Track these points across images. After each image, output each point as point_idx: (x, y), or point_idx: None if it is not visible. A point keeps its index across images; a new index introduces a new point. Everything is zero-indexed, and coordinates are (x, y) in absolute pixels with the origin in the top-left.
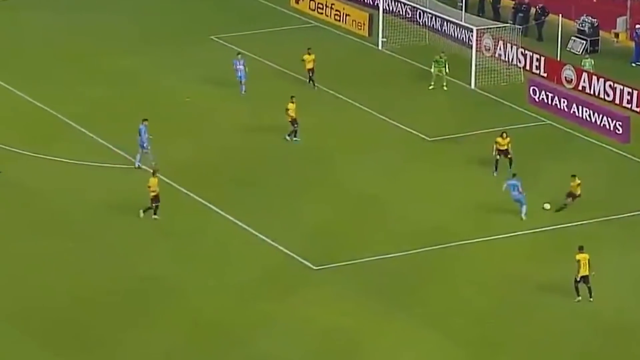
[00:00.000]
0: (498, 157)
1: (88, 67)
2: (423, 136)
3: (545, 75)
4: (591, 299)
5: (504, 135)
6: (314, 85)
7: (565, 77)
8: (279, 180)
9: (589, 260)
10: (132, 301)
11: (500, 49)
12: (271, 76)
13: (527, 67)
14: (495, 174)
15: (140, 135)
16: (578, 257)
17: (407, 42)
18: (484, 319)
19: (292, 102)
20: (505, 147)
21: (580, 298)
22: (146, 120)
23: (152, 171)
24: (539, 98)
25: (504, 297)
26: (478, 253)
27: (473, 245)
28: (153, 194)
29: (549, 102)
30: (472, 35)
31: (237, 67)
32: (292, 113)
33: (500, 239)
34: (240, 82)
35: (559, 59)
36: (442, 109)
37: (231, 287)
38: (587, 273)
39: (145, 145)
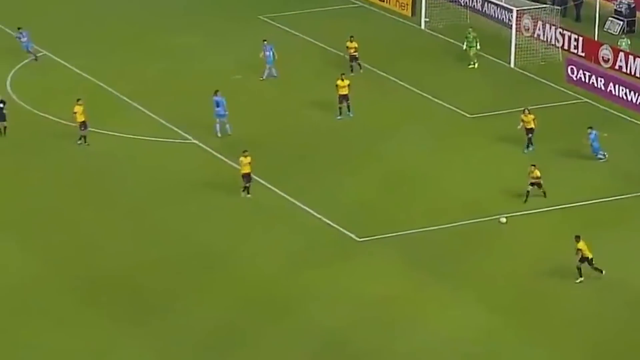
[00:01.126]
0: (529, 135)
1: (143, 46)
2: (463, 113)
3: (582, 54)
4: (603, 273)
5: (527, 111)
6: (360, 67)
7: (603, 57)
8: (324, 155)
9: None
10: (185, 271)
11: (539, 29)
12: (317, 55)
13: (565, 47)
14: (525, 152)
15: (218, 106)
16: (579, 246)
17: (449, 22)
18: (517, 290)
19: (342, 79)
20: (531, 125)
21: (582, 279)
22: (218, 91)
23: (243, 150)
24: (576, 77)
25: (537, 270)
26: (514, 227)
27: (511, 218)
28: (243, 171)
29: (587, 81)
30: (512, 16)
31: (265, 52)
32: (341, 91)
33: (534, 214)
34: (267, 66)
35: (596, 38)
36: (483, 87)
37: (278, 257)
38: (590, 256)
39: (226, 113)
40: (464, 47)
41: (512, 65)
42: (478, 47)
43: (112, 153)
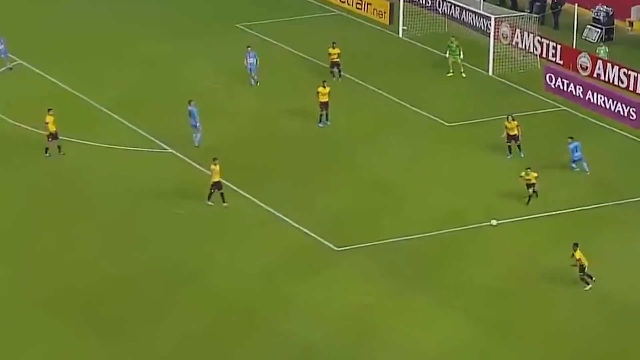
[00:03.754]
0: (509, 142)
1: (119, 55)
2: (442, 122)
3: (561, 62)
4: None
5: (510, 118)
6: (339, 75)
7: (581, 65)
8: (301, 164)
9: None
10: (160, 282)
11: (517, 37)
12: (294, 64)
13: (544, 55)
14: (509, 157)
15: (191, 116)
16: (577, 255)
17: (427, 30)
18: (498, 300)
19: (324, 87)
20: (515, 132)
21: (591, 286)
22: (192, 100)
23: (213, 158)
24: (555, 85)
25: (518, 279)
26: (494, 236)
27: (489, 229)
28: (214, 180)
29: (565, 89)
30: (490, 24)
31: (248, 59)
32: (322, 98)
33: (515, 222)
34: (250, 73)
35: (574, 46)
36: (461, 96)
37: (254, 268)
38: (587, 264)
39: (197, 125)
40: (447, 55)
41: (490, 73)
42: (462, 56)
43: (87, 163)
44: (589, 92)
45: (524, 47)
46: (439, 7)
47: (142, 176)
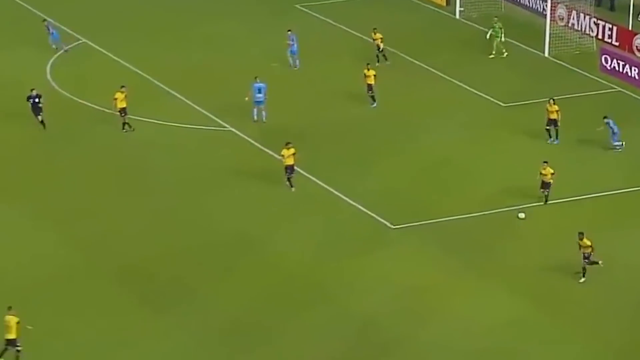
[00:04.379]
0: (548, 127)
1: (180, 34)
2: (498, 102)
3: (617, 44)
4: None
5: (551, 101)
6: (385, 59)
7: (637, 46)
8: (358, 143)
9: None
10: (221, 256)
11: (573, 18)
12: (352, 44)
13: (600, 37)
14: (549, 141)
15: (259, 92)
16: (586, 242)
17: (483, 11)
18: (549, 278)
19: (368, 69)
20: (554, 116)
21: (584, 279)
22: (256, 77)
23: (286, 142)
24: (610, 66)
25: (570, 257)
26: (545, 215)
27: (541, 208)
28: (287, 163)
29: (620, 70)
30: (546, 5)
31: (290, 42)
32: (367, 80)
33: (566, 202)
34: (292, 56)
35: (630, 28)
36: (517, 76)
37: (313, 244)
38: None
39: (262, 100)
40: (488, 36)
41: (546, 54)
42: (503, 38)
43: (149, 140)
44: None
45: (579, 28)
46: None
47: (204, 154)
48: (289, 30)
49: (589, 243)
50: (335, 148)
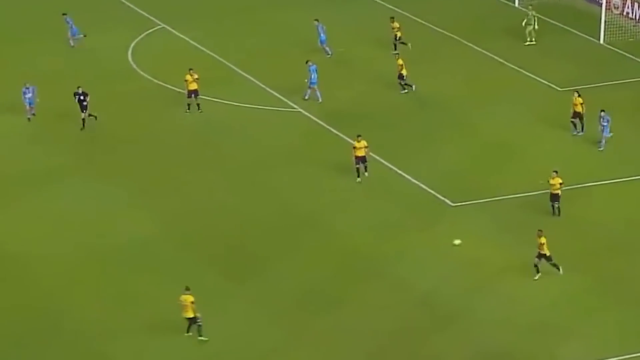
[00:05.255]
0: (573, 119)
1: (251, 19)
2: (554, 87)
3: None
4: (560, 270)
5: (576, 94)
6: (402, 45)
7: None
8: (419, 125)
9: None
10: (290, 231)
11: (628, 7)
12: (417, 32)
13: None
14: (574, 133)
15: (311, 74)
16: (540, 240)
17: (541, 0)
18: (606, 257)
19: (397, 58)
20: (579, 109)
21: (540, 274)
22: (308, 61)
23: (357, 135)
24: None
25: (622, 237)
26: (599, 195)
27: (595, 188)
28: (357, 154)
29: None
30: None
31: (319, 31)
32: (400, 69)
33: (619, 183)
34: (321, 44)
35: None
36: (573, 62)
37: (376, 219)
38: (548, 253)
39: (315, 82)
40: (523, 24)
41: (601, 41)
42: (536, 26)
43: (223, 121)
44: None
45: (634, 16)
46: None
47: (274, 133)
48: (315, 20)
49: (543, 241)
50: (396, 129)
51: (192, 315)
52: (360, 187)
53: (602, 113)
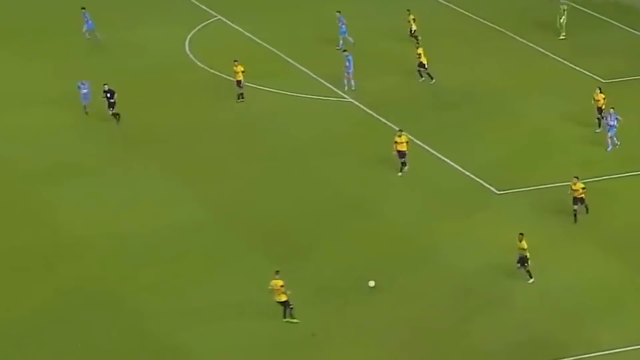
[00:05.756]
0: (598, 115)
1: (302, 11)
2: (598, 78)
3: None
4: (531, 280)
5: (598, 90)
6: (417, 40)
7: None
8: (464, 113)
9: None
10: (337, 217)
11: None
12: (457, 22)
13: None
14: (597, 132)
15: (348, 63)
16: (524, 244)
17: None
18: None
19: (418, 48)
20: (601, 104)
21: (533, 279)
22: (346, 50)
23: (398, 129)
24: None
25: None
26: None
27: (633, 179)
28: (399, 149)
29: None
30: None
31: (339, 24)
32: (421, 58)
33: None
34: (341, 36)
35: None
36: (617, 54)
37: (422, 206)
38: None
39: (351, 71)
40: (558, 18)
41: None
42: (564, 21)
43: (273, 109)
44: None
45: None
46: None
47: (324, 121)
48: (337, 12)
49: (525, 246)
50: (444, 119)
51: (284, 299)
52: (407, 175)
53: (611, 111)
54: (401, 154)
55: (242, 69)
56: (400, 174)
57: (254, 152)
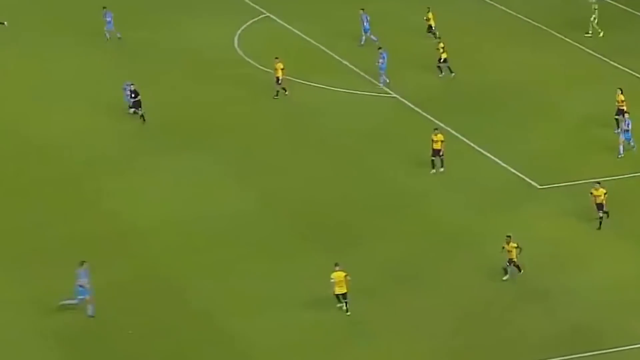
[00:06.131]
0: (617, 116)
1: (349, 8)
2: (638, 75)
3: None
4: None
5: (619, 91)
6: (435, 36)
7: None
8: (505, 109)
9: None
10: (382, 208)
11: None
12: (503, 22)
13: None
14: (616, 132)
15: (382, 59)
16: (510, 247)
17: None
18: None
19: (440, 43)
20: (623, 106)
21: (508, 276)
22: (380, 48)
23: (434, 128)
24: None
25: None
26: None
27: None
28: (435, 147)
29: None
30: None
31: (363, 21)
32: (442, 53)
33: None
34: (364, 33)
35: None
36: None
37: (464, 200)
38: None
39: (383, 68)
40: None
41: None
42: (595, 18)
43: (320, 104)
44: None
45: None
46: None
47: (369, 116)
48: (361, 9)
49: (514, 245)
50: (487, 114)
51: (345, 291)
52: (450, 169)
53: (626, 116)
54: (436, 153)
55: (282, 67)
56: (433, 171)
57: (301, 146)
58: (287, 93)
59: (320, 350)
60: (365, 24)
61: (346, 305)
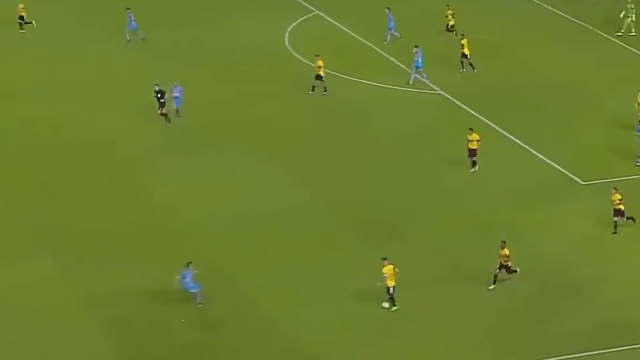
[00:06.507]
0: None
1: (396, 6)
2: None
3: None
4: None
5: None
6: (455, 34)
7: None
8: (549, 105)
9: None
10: (426, 205)
11: None
12: (550, 19)
13: None
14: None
15: (417, 58)
16: (504, 252)
17: None
18: None
19: (462, 38)
20: None
21: (494, 286)
22: (417, 46)
23: (469, 128)
24: None
25: None
26: None
27: None
28: (470, 147)
29: None
30: None
31: (389, 20)
32: (464, 49)
33: None
34: (389, 32)
35: None
36: None
37: (507, 195)
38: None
39: (419, 66)
40: (621, 15)
41: None
42: (634, 18)
43: (367, 100)
44: None
45: None
46: None
47: (413, 112)
48: (387, 8)
49: (507, 252)
50: (532, 111)
51: (394, 284)
52: (492, 165)
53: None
54: (472, 152)
55: (322, 64)
56: (472, 170)
57: (348, 142)
58: (325, 93)
59: (365, 342)
60: (390, 22)
61: (392, 300)
